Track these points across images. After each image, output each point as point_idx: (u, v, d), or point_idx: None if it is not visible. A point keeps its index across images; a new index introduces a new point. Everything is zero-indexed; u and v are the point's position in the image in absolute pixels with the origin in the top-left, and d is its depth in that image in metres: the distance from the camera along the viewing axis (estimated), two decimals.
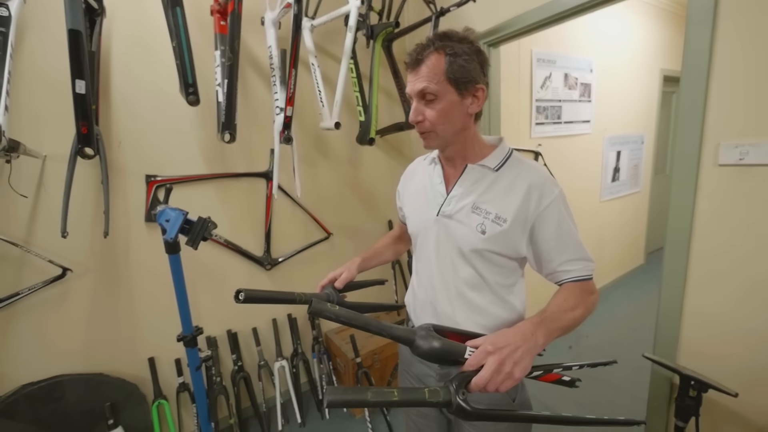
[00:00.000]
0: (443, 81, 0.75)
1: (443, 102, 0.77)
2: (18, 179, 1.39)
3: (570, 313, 0.73)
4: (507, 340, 0.62)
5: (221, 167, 1.85)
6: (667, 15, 3.45)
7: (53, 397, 1.51)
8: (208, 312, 1.89)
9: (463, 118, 0.80)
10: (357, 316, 0.63)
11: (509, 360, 0.59)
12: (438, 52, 0.75)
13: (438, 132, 0.80)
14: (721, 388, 1.09)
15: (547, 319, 0.69)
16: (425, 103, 0.78)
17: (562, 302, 0.76)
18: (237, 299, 0.75)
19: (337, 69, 1.80)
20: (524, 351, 0.61)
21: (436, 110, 0.77)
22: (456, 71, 0.75)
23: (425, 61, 0.76)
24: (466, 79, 0.76)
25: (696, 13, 1.09)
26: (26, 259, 1.45)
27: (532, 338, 0.63)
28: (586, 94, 2.89)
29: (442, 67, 0.75)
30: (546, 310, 0.73)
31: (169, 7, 1.36)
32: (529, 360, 0.62)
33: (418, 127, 0.81)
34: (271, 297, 0.85)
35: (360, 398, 0.55)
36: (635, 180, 3.61)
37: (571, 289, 0.78)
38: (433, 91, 0.76)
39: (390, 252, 1.16)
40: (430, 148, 0.85)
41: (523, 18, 1.59)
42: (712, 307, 1.19)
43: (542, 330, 0.66)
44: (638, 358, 1.33)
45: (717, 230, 1.14)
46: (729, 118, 1.08)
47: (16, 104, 1.34)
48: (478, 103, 0.80)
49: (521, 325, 0.66)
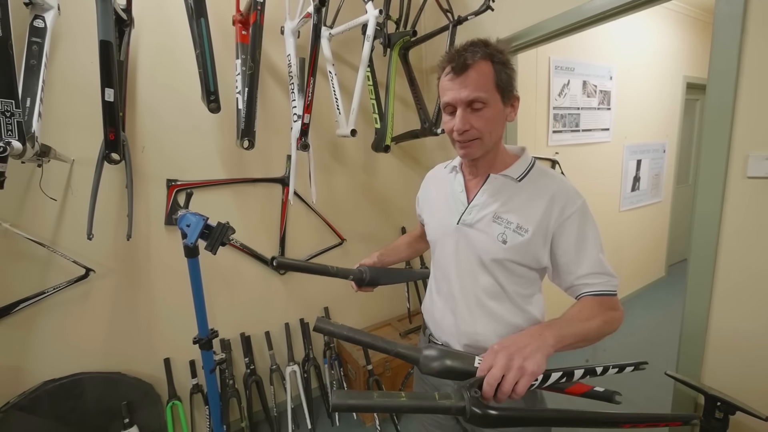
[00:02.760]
0: (492, 89, 0.75)
1: (491, 110, 0.76)
2: (47, 182, 1.45)
3: (584, 323, 0.69)
4: (514, 340, 0.61)
5: (239, 173, 1.89)
6: (691, 21, 3.36)
7: (73, 394, 1.55)
8: (222, 314, 1.91)
9: (503, 127, 0.82)
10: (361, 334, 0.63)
11: (518, 355, 0.57)
12: (486, 60, 0.73)
13: (484, 141, 0.78)
14: (750, 410, 1.03)
15: (557, 323, 0.67)
16: (471, 111, 0.75)
17: (576, 312, 0.73)
18: (270, 264, 0.80)
19: (354, 77, 1.82)
20: (533, 348, 0.59)
21: (485, 118, 0.76)
22: (503, 79, 0.75)
23: (474, 66, 0.73)
24: (510, 89, 0.77)
25: (724, 20, 1.06)
26: (52, 259, 1.51)
27: (540, 337, 0.61)
28: (606, 101, 2.84)
29: (491, 74, 0.74)
30: (559, 317, 0.72)
31: (193, 18, 1.41)
32: (541, 356, 0.58)
33: (464, 135, 0.77)
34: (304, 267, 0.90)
35: (366, 403, 0.52)
36: (656, 190, 3.51)
37: (588, 302, 0.75)
38: (484, 99, 0.74)
39: (409, 250, 1.17)
40: (471, 156, 0.82)
41: (543, 26, 1.58)
42: (739, 324, 1.14)
43: (551, 331, 0.63)
44: (660, 376, 1.28)
45: (745, 244, 1.10)
46: (758, 129, 1.04)
47: (48, 111, 1.40)
48: (515, 112, 0.81)
49: (528, 328, 0.66)
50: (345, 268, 0.97)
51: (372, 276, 0.98)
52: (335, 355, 2.13)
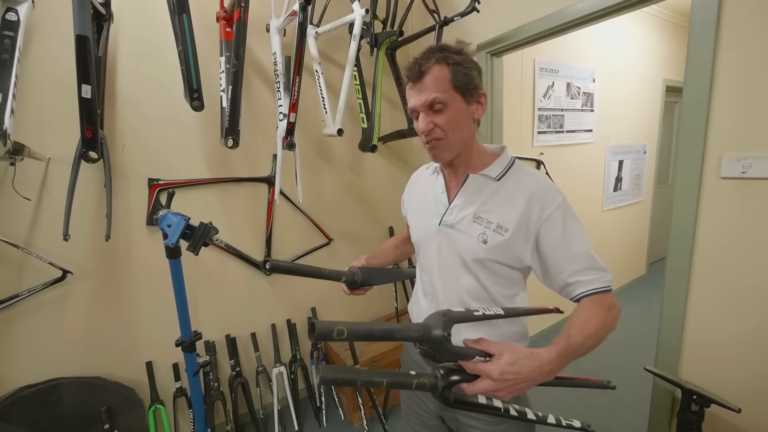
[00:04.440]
0: (450, 89, 0.76)
1: (452, 109, 0.77)
2: (21, 182, 1.40)
3: (593, 339, 0.68)
4: (517, 374, 0.58)
5: (224, 172, 1.86)
6: (670, 26, 3.46)
7: (50, 400, 1.50)
8: (207, 316, 1.88)
9: (470, 125, 0.81)
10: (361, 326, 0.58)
11: (506, 389, 0.58)
12: (440, 63, 0.76)
13: (449, 140, 0.79)
14: (723, 403, 1.07)
15: (571, 351, 0.65)
16: (433, 113, 0.77)
17: (584, 323, 0.69)
18: (264, 269, 0.82)
19: (340, 76, 1.81)
20: (527, 386, 0.60)
21: (446, 117, 0.77)
22: (460, 78, 0.76)
23: (428, 72, 0.76)
24: (470, 86, 0.77)
25: (699, 25, 1.09)
26: (27, 261, 1.45)
27: (546, 375, 0.61)
28: (589, 103, 2.90)
29: (446, 75, 0.75)
30: (571, 335, 0.66)
31: (175, 14, 1.38)
32: (527, 388, 0.60)
33: (429, 136, 0.79)
34: (297, 269, 0.89)
35: (350, 377, 0.57)
36: (637, 190, 3.60)
37: (591, 308, 0.72)
38: (442, 99, 0.75)
39: (397, 252, 1.16)
40: (441, 160, 0.84)
41: (527, 28, 1.60)
42: (714, 320, 1.18)
43: (562, 364, 0.63)
44: (640, 370, 1.32)
45: (719, 243, 1.14)
46: (732, 131, 1.08)
47: (22, 107, 1.35)
48: (482, 109, 0.81)
49: (544, 357, 0.61)
50: (337, 270, 0.97)
51: (364, 277, 0.98)
52: (323, 355, 2.12)
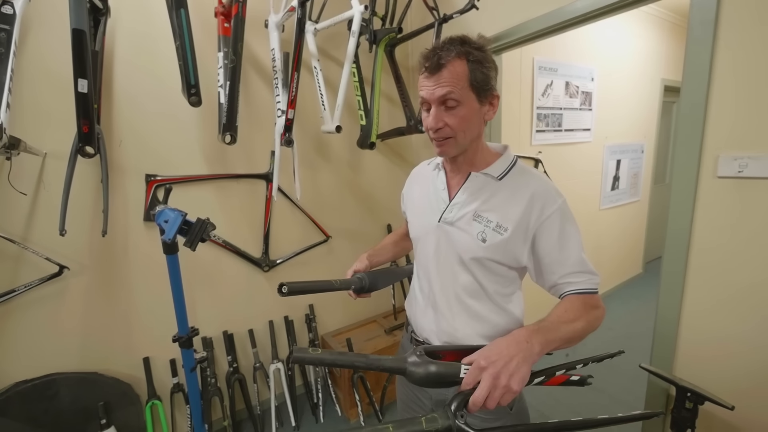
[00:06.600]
0: (466, 87, 0.74)
1: (465, 109, 0.75)
2: (18, 176, 1.39)
3: (570, 325, 0.69)
4: (500, 352, 0.59)
5: (221, 168, 1.85)
6: (669, 25, 3.46)
7: (46, 395, 1.50)
8: (204, 312, 1.88)
9: (480, 126, 0.80)
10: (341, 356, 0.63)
11: (504, 373, 0.57)
12: (460, 58, 0.73)
13: (458, 139, 0.78)
14: (717, 400, 1.08)
15: (544, 327, 0.67)
16: (445, 109, 0.75)
17: (562, 313, 0.72)
18: (280, 292, 0.82)
19: (339, 73, 1.80)
20: (519, 360, 0.58)
21: (458, 117, 0.75)
22: (478, 77, 0.74)
23: (447, 66, 0.73)
24: (486, 86, 0.76)
25: (697, 25, 1.09)
26: (23, 256, 1.45)
27: (527, 346, 0.60)
28: (587, 102, 2.90)
29: (465, 73, 0.73)
30: (544, 319, 0.70)
31: (173, 9, 1.37)
32: (526, 369, 0.59)
33: (438, 133, 0.78)
34: (312, 288, 0.91)
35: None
36: (635, 189, 3.61)
37: (572, 301, 0.75)
38: (457, 97, 0.73)
39: (396, 248, 1.16)
40: (446, 155, 0.83)
41: (526, 26, 1.60)
42: (709, 319, 1.19)
43: (538, 338, 0.63)
44: (635, 368, 1.33)
45: (716, 242, 1.14)
46: (728, 131, 1.08)
47: (18, 101, 1.34)
48: (493, 111, 0.80)
49: (515, 333, 0.64)
50: (345, 279, 0.97)
51: (371, 281, 0.98)
52: None
